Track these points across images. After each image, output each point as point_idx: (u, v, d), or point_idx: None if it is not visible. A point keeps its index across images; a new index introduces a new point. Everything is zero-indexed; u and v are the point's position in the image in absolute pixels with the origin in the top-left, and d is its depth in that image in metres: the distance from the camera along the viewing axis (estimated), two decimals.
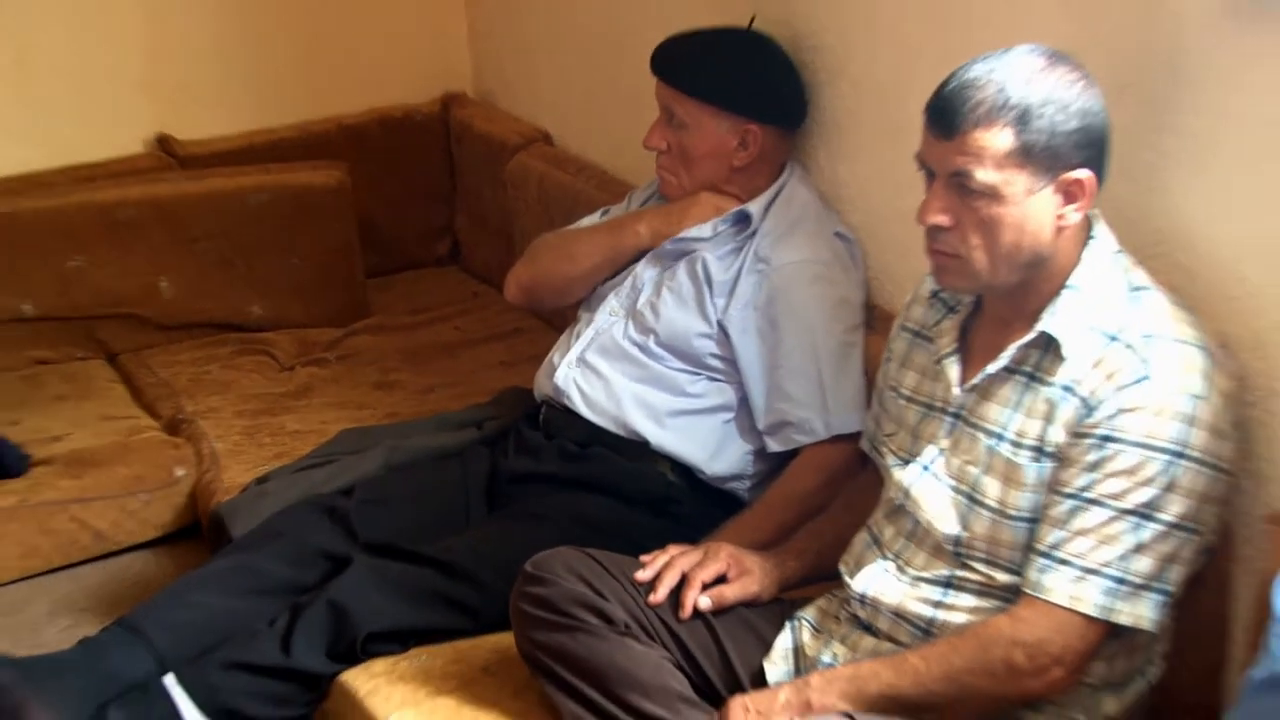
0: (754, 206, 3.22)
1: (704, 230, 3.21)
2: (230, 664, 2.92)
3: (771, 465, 3.18)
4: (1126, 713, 2.49)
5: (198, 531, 3.60)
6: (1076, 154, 2.31)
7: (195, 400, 3.86)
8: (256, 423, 3.75)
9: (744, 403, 3.18)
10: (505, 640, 2.79)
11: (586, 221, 3.53)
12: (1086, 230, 2.41)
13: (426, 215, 4.61)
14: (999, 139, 2.27)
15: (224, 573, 3.13)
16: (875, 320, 3.17)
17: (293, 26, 4.36)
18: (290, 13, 4.32)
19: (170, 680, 2.90)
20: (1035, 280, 2.40)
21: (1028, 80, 2.28)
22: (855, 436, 2.97)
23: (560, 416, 3.29)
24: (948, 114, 2.31)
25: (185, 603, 3.06)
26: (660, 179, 3.32)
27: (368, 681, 2.83)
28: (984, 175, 2.28)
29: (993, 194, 2.29)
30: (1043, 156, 2.29)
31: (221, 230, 4.09)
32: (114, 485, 3.54)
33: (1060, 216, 2.34)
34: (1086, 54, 2.47)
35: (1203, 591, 2.50)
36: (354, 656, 2.90)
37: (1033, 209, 2.32)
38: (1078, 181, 2.31)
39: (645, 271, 3.30)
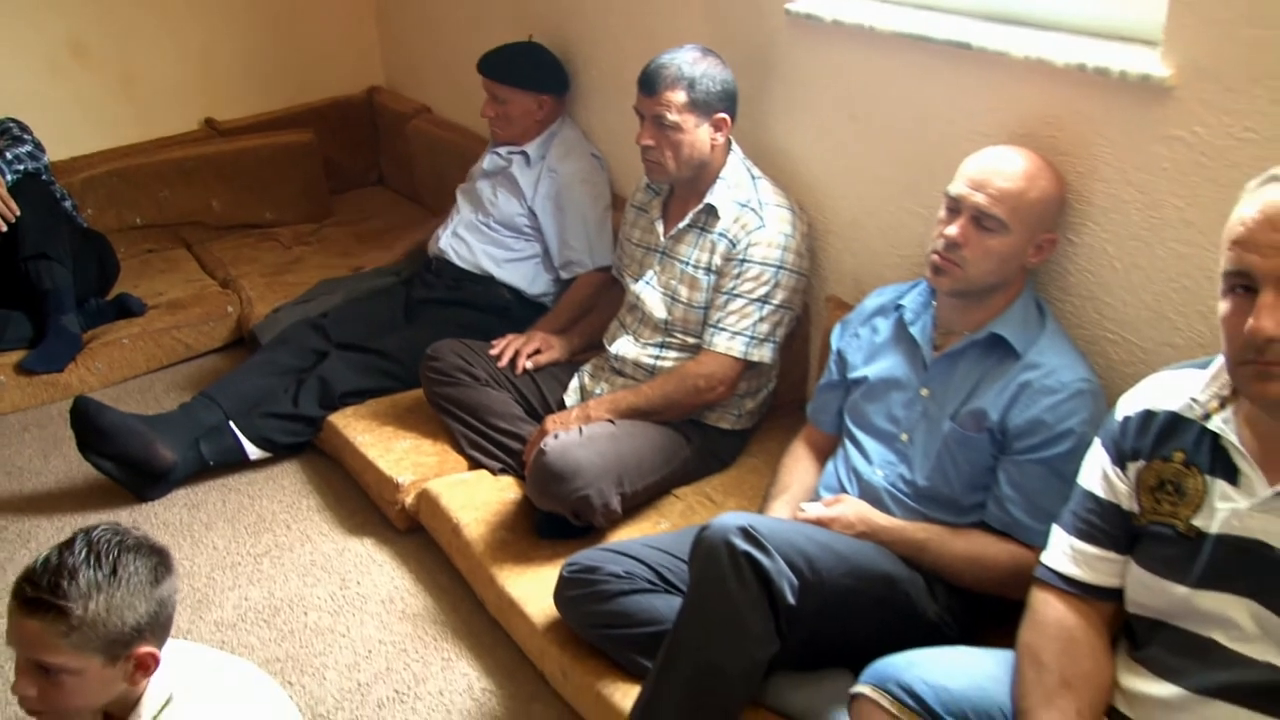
0: (531, 147, 3.63)
1: (503, 162, 3.68)
2: (266, 414, 3.44)
3: (563, 286, 3.58)
4: (759, 407, 3.03)
5: (242, 343, 4.14)
6: (720, 105, 2.85)
7: (237, 268, 4.38)
8: (272, 279, 4.28)
9: (546, 252, 3.63)
10: (417, 394, 3.34)
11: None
12: (728, 147, 2.94)
13: (363, 157, 5.18)
14: (678, 96, 2.83)
15: (258, 364, 3.57)
16: (618, 203, 3.56)
17: (283, 52, 4.97)
18: (278, 45, 4.95)
19: (232, 425, 3.42)
20: (701, 176, 2.92)
21: (693, 63, 2.83)
22: (609, 268, 3.45)
23: (444, 265, 3.69)
24: (650, 82, 2.85)
25: (238, 381, 3.51)
26: (494, 134, 3.67)
27: (343, 419, 3.40)
28: (672, 117, 2.84)
29: (676, 128, 2.85)
30: (702, 106, 2.84)
31: (246, 170, 4.68)
32: (194, 317, 4.10)
33: (714, 140, 2.89)
34: (722, 48, 2.97)
35: (796, 340, 3.06)
36: (334, 407, 3.45)
37: (698, 136, 2.87)
38: (723, 119, 2.87)
39: (483, 182, 3.72)
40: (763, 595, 2.05)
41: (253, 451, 3.45)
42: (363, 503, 3.32)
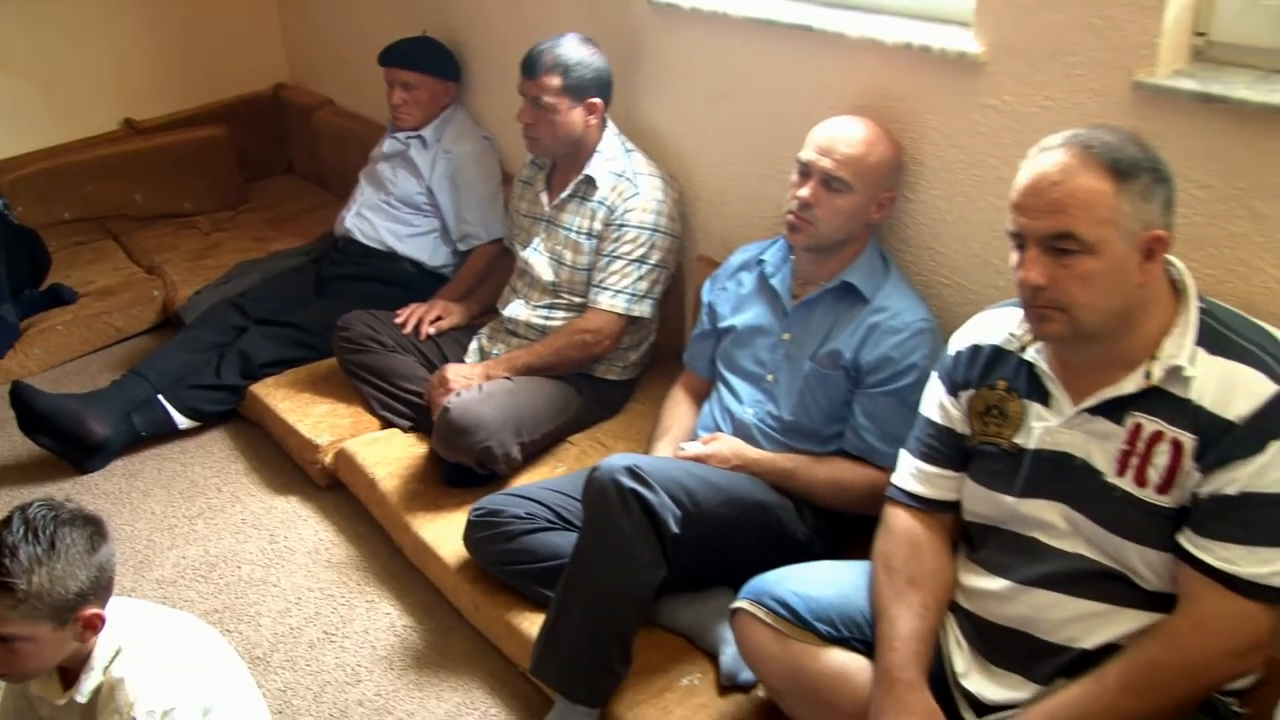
0: (427, 132, 3.61)
1: (401, 146, 3.64)
2: (192, 386, 3.43)
3: (461, 258, 3.57)
4: (642, 358, 3.09)
5: (168, 324, 4.09)
6: (593, 90, 2.88)
7: (160, 255, 4.33)
8: (193, 263, 4.25)
9: (444, 227, 3.61)
10: (331, 363, 3.36)
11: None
12: (603, 125, 2.96)
13: (273, 148, 5.12)
14: (554, 80, 2.84)
15: (183, 341, 3.56)
16: (508, 180, 3.50)
17: (194, 55, 4.91)
18: (188, 48, 4.88)
19: (161, 398, 3.40)
20: (579, 151, 2.95)
21: (570, 52, 2.85)
22: (502, 239, 3.43)
23: (350, 244, 3.68)
24: (530, 67, 2.86)
25: (165, 357, 3.49)
26: (400, 117, 3.60)
27: (264, 388, 3.39)
28: (547, 99, 2.84)
29: (552, 109, 2.86)
30: (576, 91, 2.86)
31: (165, 165, 4.63)
32: (123, 302, 4.06)
33: (587, 121, 2.91)
34: (596, 35, 2.99)
35: (672, 296, 3.11)
36: (255, 377, 3.44)
37: (572, 117, 2.89)
38: (595, 103, 2.89)
39: (383, 165, 3.68)
40: (649, 526, 2.11)
41: (182, 421, 3.45)
42: (286, 464, 3.35)
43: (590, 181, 2.93)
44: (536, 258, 3.04)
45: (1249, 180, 1.93)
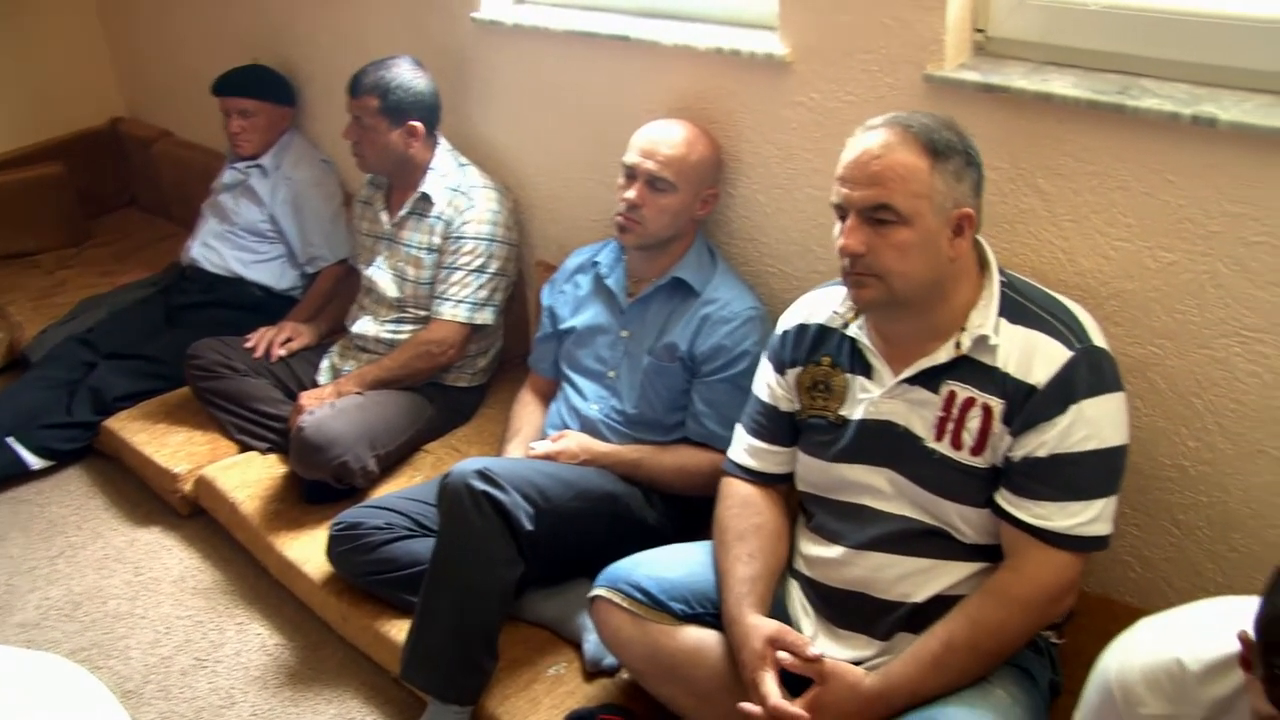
0: (266, 160, 3.51)
1: (241, 175, 3.54)
2: (43, 425, 3.29)
3: (309, 280, 3.50)
4: (490, 364, 3.04)
5: (16, 365, 3.84)
6: (414, 113, 2.84)
7: (5, 295, 4.11)
8: (39, 302, 4.04)
9: (290, 251, 3.53)
10: (185, 392, 3.25)
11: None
12: (432, 144, 2.92)
13: (114, 182, 4.91)
14: (373, 101, 2.81)
15: (30, 381, 3.41)
16: (350, 201, 3.44)
17: (24, 94, 4.68)
18: (18, 87, 4.65)
19: (11, 440, 3.26)
20: (409, 170, 2.92)
21: (392, 75, 2.83)
22: (346, 259, 3.41)
23: (197, 272, 3.57)
24: (353, 87, 2.83)
25: (12, 398, 3.34)
26: (239, 145, 3.51)
27: (118, 422, 3.26)
28: (368, 119, 2.82)
29: (372, 129, 2.84)
30: (394, 113, 2.82)
31: (3, 205, 4.40)
32: None
33: (409, 142, 2.87)
34: (424, 54, 2.97)
35: (516, 302, 3.11)
36: (108, 411, 3.31)
37: (391, 138, 2.85)
38: (415, 126, 2.85)
39: (225, 195, 3.57)
40: (503, 525, 2.11)
41: (34, 461, 3.31)
42: (146, 495, 3.25)
43: (426, 198, 2.90)
44: (380, 275, 2.99)
45: (1031, 161, 2.02)
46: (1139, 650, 1.38)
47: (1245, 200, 1.80)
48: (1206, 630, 1.32)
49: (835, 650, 1.86)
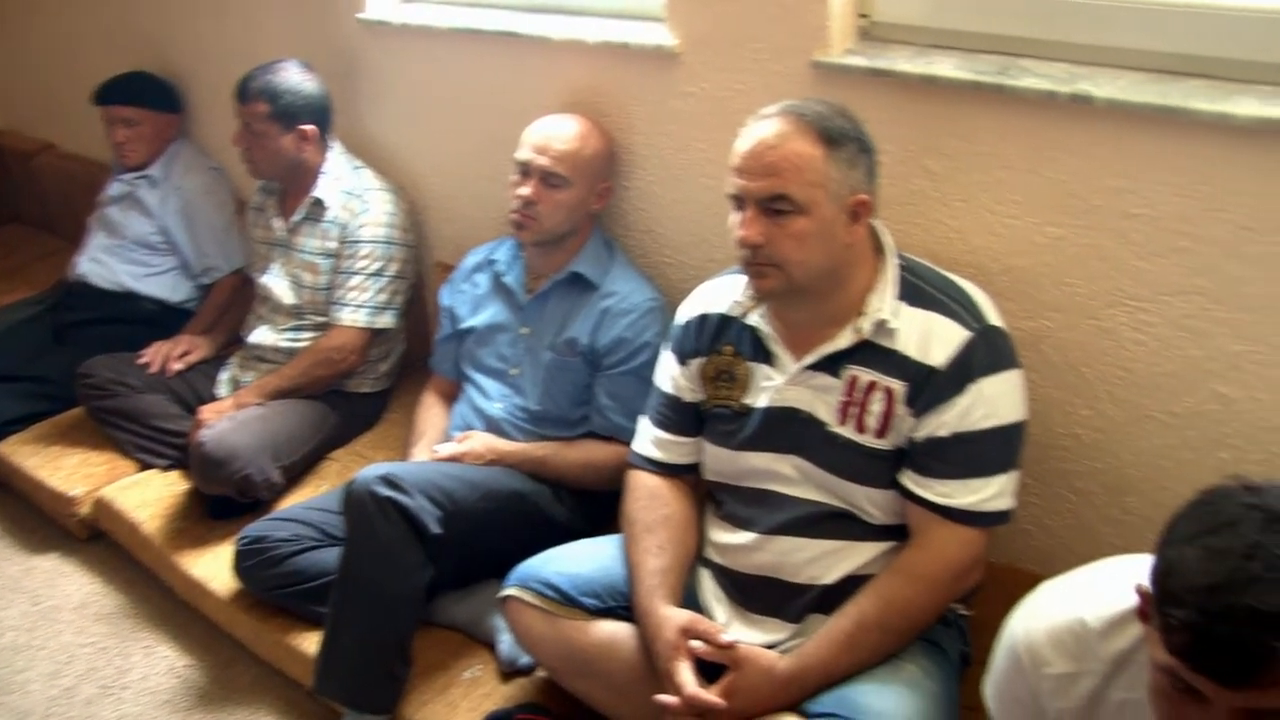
0: (154, 170, 3.40)
1: (128, 187, 3.42)
2: None
3: (205, 292, 3.39)
4: (393, 368, 3.00)
5: None
6: (305, 117, 2.78)
7: None
8: None
9: (183, 263, 3.42)
10: (78, 413, 3.13)
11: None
12: (324, 148, 2.86)
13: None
14: (262, 107, 2.74)
15: None
16: (242, 209, 3.31)
17: None
18: None
19: None
20: (302, 174, 2.84)
21: (281, 79, 2.77)
22: (242, 269, 3.31)
23: (86, 289, 3.42)
24: (241, 93, 2.76)
25: None
26: (125, 155, 3.39)
27: (8, 447, 3.11)
28: (257, 125, 2.75)
29: (262, 135, 2.76)
30: (285, 118, 2.77)
31: None
32: None
33: (301, 146, 2.81)
34: (312, 56, 2.91)
35: (416, 304, 3.07)
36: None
37: (283, 143, 2.80)
38: (307, 130, 2.79)
39: (112, 208, 3.45)
40: (409, 530, 2.08)
41: None
42: (41, 521, 3.12)
43: (319, 203, 2.85)
44: (276, 282, 2.93)
45: (919, 143, 2.05)
46: (1042, 612, 1.41)
47: (1124, 174, 1.84)
48: (1105, 588, 1.35)
49: (749, 635, 1.86)
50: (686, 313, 1.99)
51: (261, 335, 2.98)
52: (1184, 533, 1.11)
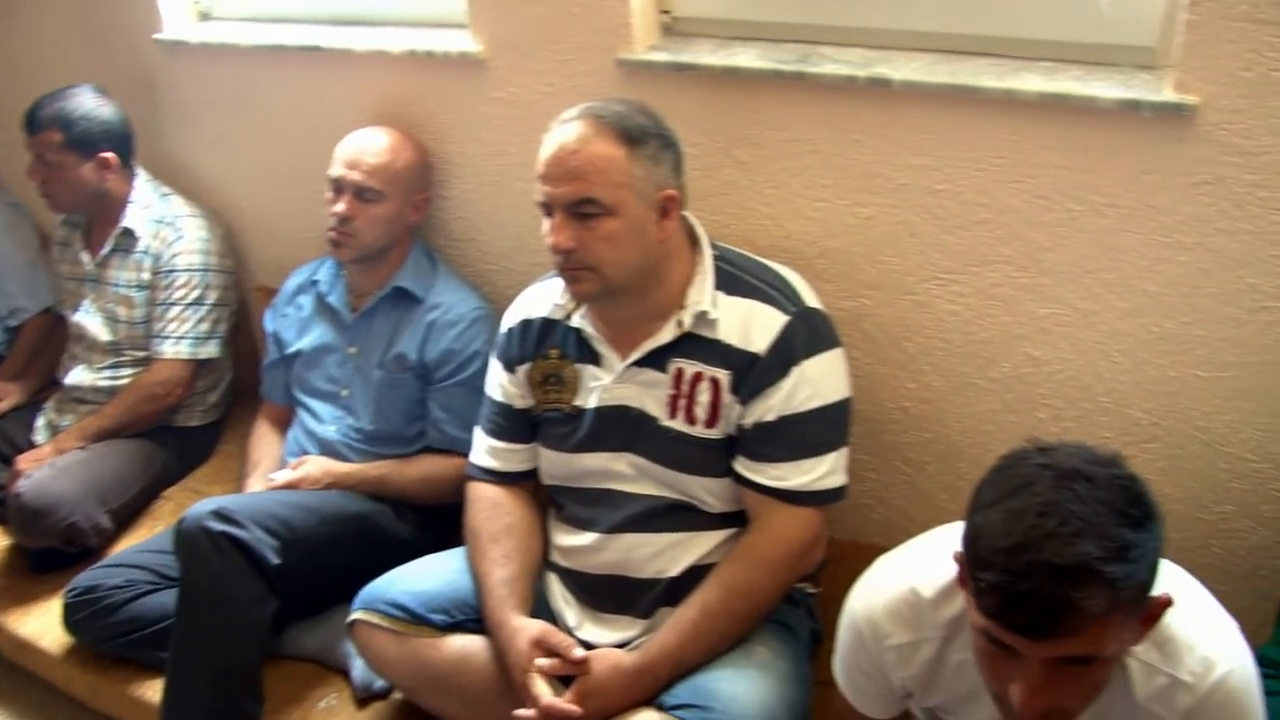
0: None
1: None
2: None
3: (12, 335, 3.17)
4: (222, 399, 2.87)
5: None
6: (104, 144, 2.66)
7: None
8: None
9: None
10: None
11: None
12: (129, 176, 2.74)
13: None
14: (55, 136, 2.61)
15: None
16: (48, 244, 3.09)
17: None
18: None
19: None
20: (108, 205, 2.72)
21: (74, 106, 2.63)
22: (52, 308, 3.10)
23: None
24: (31, 123, 2.62)
25: None
26: None
27: None
28: (51, 155, 2.62)
29: (57, 165, 2.63)
30: (81, 146, 2.62)
31: None
32: None
33: (103, 175, 2.67)
34: (110, 81, 2.76)
35: (242, 331, 2.94)
36: None
37: (82, 173, 2.65)
38: (107, 158, 2.66)
39: None
40: (247, 564, 2.02)
41: None
42: None
43: (129, 233, 2.74)
44: (89, 319, 2.81)
45: (728, 134, 2.08)
46: (878, 586, 1.46)
47: (925, 152, 1.90)
48: (935, 558, 1.40)
49: (601, 634, 1.87)
50: (510, 320, 1.99)
51: (78, 376, 2.84)
52: (986, 499, 1.17)
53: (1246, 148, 1.69)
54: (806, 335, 1.76)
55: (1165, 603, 1.20)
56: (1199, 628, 1.27)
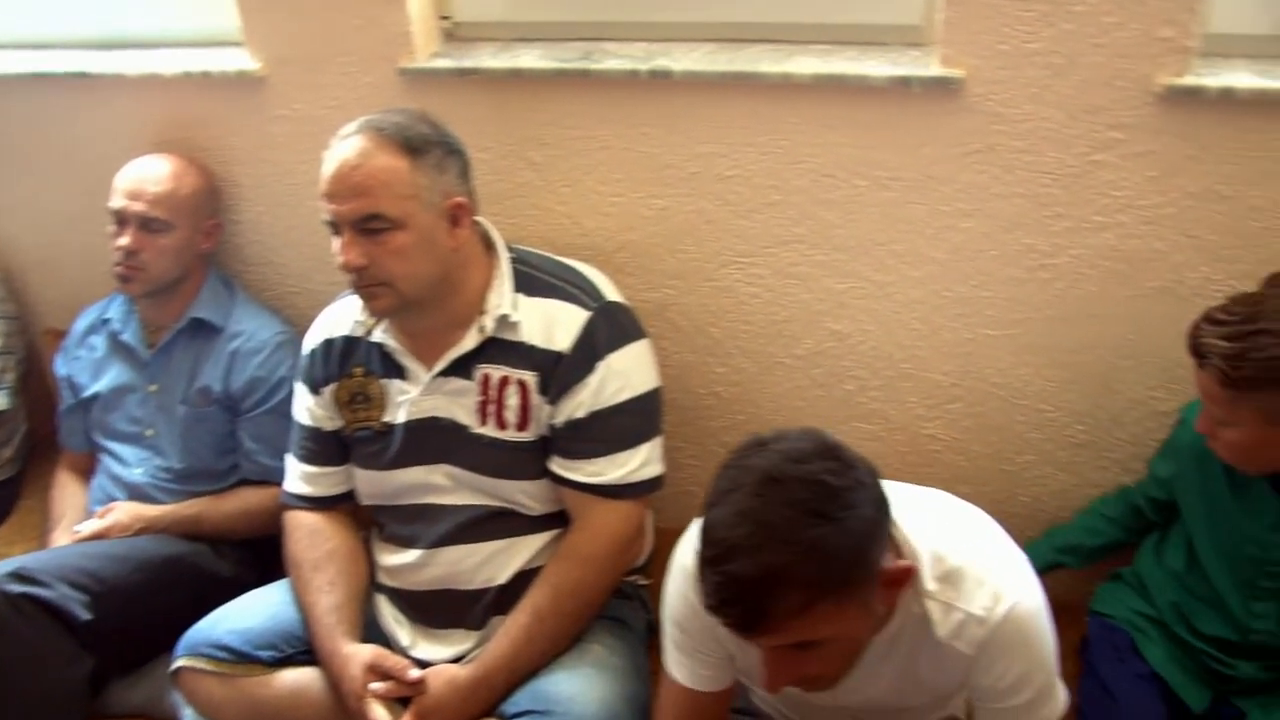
0: None
1: None
2: None
3: None
4: (18, 453, 2.72)
5: None
6: None
7: None
8: None
9: None
10: None
11: None
12: None
13: None
14: None
15: None
16: None
17: None
18: None
19: None
20: None
21: None
22: None
23: None
24: None
25: None
26: None
27: None
28: None
29: None
30: None
31: None
32: None
33: None
34: None
35: (33, 379, 2.79)
36: None
37: None
38: None
39: None
40: (54, 624, 1.93)
41: None
42: None
43: None
44: None
45: (517, 136, 2.10)
46: (693, 535, 1.46)
47: (712, 140, 1.95)
48: None
49: (436, 651, 1.86)
50: (311, 341, 1.96)
51: None
52: (709, 499, 1.23)
53: (1011, 116, 1.78)
54: (609, 329, 1.78)
55: (906, 569, 1.27)
56: (987, 564, 1.34)
